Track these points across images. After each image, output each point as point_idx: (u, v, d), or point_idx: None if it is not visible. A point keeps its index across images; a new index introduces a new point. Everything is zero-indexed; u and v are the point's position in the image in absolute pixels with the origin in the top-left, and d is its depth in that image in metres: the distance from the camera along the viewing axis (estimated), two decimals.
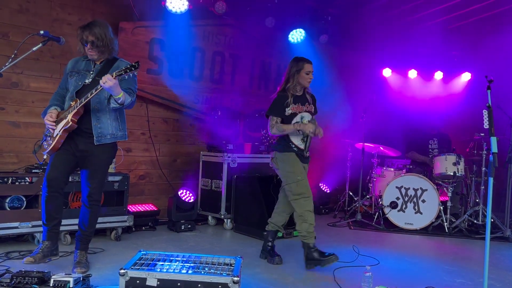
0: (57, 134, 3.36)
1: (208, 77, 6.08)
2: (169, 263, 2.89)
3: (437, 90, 8.05)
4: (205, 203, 5.64)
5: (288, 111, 3.98)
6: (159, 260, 2.93)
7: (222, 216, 5.41)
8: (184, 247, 4.50)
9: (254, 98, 6.60)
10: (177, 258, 2.99)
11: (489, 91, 3.02)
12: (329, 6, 6.45)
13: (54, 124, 3.39)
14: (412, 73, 7.96)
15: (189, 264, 2.86)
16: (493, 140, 2.74)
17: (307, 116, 4.08)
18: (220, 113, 5.66)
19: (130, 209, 5.00)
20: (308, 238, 3.93)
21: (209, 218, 5.62)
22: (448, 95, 7.88)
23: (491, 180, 2.77)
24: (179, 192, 5.23)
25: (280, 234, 4.98)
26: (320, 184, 7.20)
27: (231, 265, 2.91)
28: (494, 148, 2.71)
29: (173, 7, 5.31)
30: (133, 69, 3.17)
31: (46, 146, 3.45)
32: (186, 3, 5.32)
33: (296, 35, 6.49)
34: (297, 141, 4.07)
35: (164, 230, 5.24)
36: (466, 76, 7.88)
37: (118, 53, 3.71)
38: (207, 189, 5.61)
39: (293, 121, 3.98)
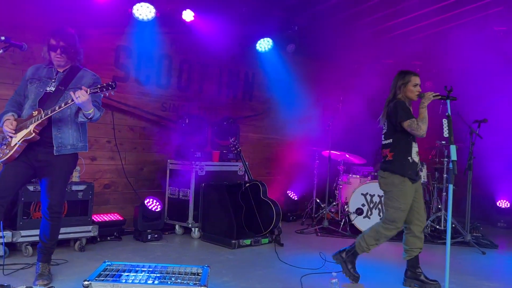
0: (16, 143, 3.24)
1: (175, 85, 6.05)
2: (135, 274, 2.84)
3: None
4: (173, 212, 5.58)
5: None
6: (124, 271, 2.89)
7: (190, 225, 5.37)
8: (151, 257, 4.44)
9: (222, 105, 6.61)
10: (143, 269, 2.95)
11: (448, 101, 3.14)
12: (296, 16, 6.53)
13: (13, 132, 3.28)
14: (374, 83, 8.12)
15: (155, 275, 2.83)
16: (453, 148, 2.84)
17: None
18: (188, 121, 5.63)
19: (94, 219, 4.90)
20: (362, 248, 3.89)
21: (177, 227, 5.56)
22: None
23: (451, 186, 2.87)
24: (146, 201, 5.16)
25: (248, 242, 5.00)
26: (288, 192, 7.25)
27: (198, 274, 2.90)
28: (454, 156, 2.81)
29: (140, 15, 5.27)
30: (110, 88, 3.10)
31: (1, 155, 3.29)
32: (154, 10, 5.29)
33: (264, 44, 6.56)
34: (414, 153, 3.76)
35: (130, 240, 5.15)
36: (428, 85, 8.12)
37: (83, 59, 3.64)
38: (175, 197, 5.56)
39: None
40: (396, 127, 3.74)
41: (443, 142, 5.92)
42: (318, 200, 6.91)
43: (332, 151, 6.46)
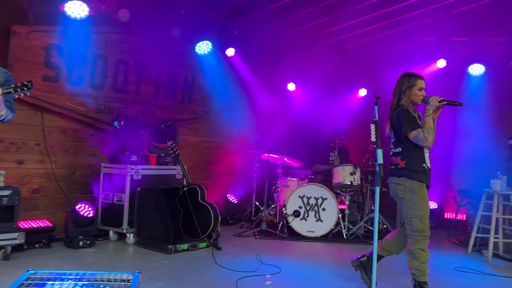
0: None
1: (111, 86, 5.86)
2: (61, 282, 2.71)
3: (337, 104, 8.52)
4: (106, 217, 5.40)
5: (419, 122, 3.59)
6: (49, 280, 2.74)
7: (125, 231, 5.21)
8: (82, 264, 4.26)
9: (160, 108, 6.49)
10: (69, 277, 2.82)
11: (376, 107, 3.27)
12: (236, 20, 6.57)
13: None
14: (313, 88, 8.35)
15: (82, 283, 2.71)
16: (379, 152, 2.96)
17: None
18: (124, 123, 5.48)
19: (21, 226, 4.63)
20: (419, 276, 3.62)
21: (111, 233, 5.38)
22: (347, 109, 8.37)
23: (377, 189, 2.99)
24: (77, 206, 4.95)
25: (185, 246, 4.94)
26: (227, 195, 7.25)
27: (128, 281, 2.81)
28: (380, 160, 2.94)
29: (72, 13, 5.06)
30: (25, 89, 2.93)
31: None
32: (87, 9, 5.10)
33: (203, 47, 6.52)
34: (427, 159, 3.62)
35: (61, 247, 4.92)
36: (362, 92, 8.44)
37: (11, 58, 3.43)
38: (109, 202, 5.38)
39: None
40: (402, 137, 3.61)
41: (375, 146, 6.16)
42: (257, 203, 6.96)
43: (271, 155, 6.53)
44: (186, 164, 5.67)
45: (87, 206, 5.02)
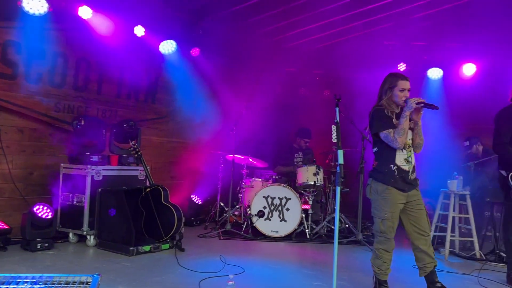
0: None
1: (71, 84, 5.71)
2: (15, 286, 2.62)
3: (301, 106, 8.62)
4: (66, 219, 5.24)
5: (395, 121, 3.55)
6: (3, 283, 2.65)
7: (85, 233, 5.09)
8: (39, 267, 4.13)
9: (123, 108, 6.39)
10: (25, 280, 2.73)
11: (337, 108, 3.33)
12: (201, 20, 6.54)
13: None
14: (278, 90, 8.41)
15: (39, 286, 2.63)
16: (340, 153, 3.02)
17: (410, 134, 3.60)
18: (84, 122, 5.35)
19: None
20: (380, 274, 3.68)
21: (70, 235, 5.24)
22: (311, 111, 8.46)
23: (338, 189, 3.05)
24: (35, 208, 4.79)
25: (147, 248, 4.87)
26: (192, 196, 7.19)
27: (87, 283, 2.75)
28: (341, 160, 2.99)
29: (31, 8, 4.89)
30: None
31: None
32: (46, 5, 4.95)
33: (167, 46, 6.45)
34: (400, 160, 3.55)
35: (17, 250, 4.75)
36: (326, 94, 8.57)
37: None
38: (68, 204, 5.23)
39: None
40: (375, 137, 3.64)
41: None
42: (222, 204, 6.94)
43: (236, 155, 6.53)
44: (149, 164, 5.60)
45: (45, 208, 4.87)
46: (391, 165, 3.53)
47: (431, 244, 3.65)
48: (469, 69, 7.12)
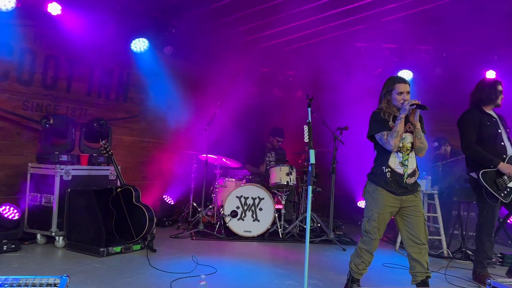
0: None
1: (40, 82, 5.57)
2: None
3: (275, 106, 8.66)
4: (34, 219, 5.10)
5: (391, 124, 3.52)
6: None
7: (53, 234, 4.97)
8: (6, 270, 4.02)
9: (94, 106, 6.27)
10: None
11: (309, 109, 3.36)
12: (173, 19, 6.48)
13: None
14: (252, 90, 8.43)
15: None
16: (311, 153, 3.04)
17: (409, 137, 3.56)
18: (53, 121, 5.22)
19: None
20: (355, 273, 3.73)
21: (38, 236, 5.10)
22: (284, 112, 8.52)
23: (310, 188, 3.07)
24: (1, 209, 4.66)
25: (118, 249, 4.80)
26: (164, 196, 7.13)
27: (55, 285, 2.68)
28: (312, 160, 3.02)
29: None
30: None
31: None
32: (14, 0, 4.82)
33: (139, 45, 6.37)
34: (394, 163, 3.52)
35: None
36: (299, 94, 8.62)
37: None
38: (36, 204, 5.10)
39: None
40: (372, 139, 3.68)
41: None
42: (195, 204, 6.90)
43: (209, 155, 6.50)
44: (120, 164, 5.52)
45: (12, 208, 4.75)
46: (384, 167, 3.53)
47: (427, 254, 3.54)
48: (438, 72, 7.29)
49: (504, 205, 4.42)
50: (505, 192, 4.25)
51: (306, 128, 3.20)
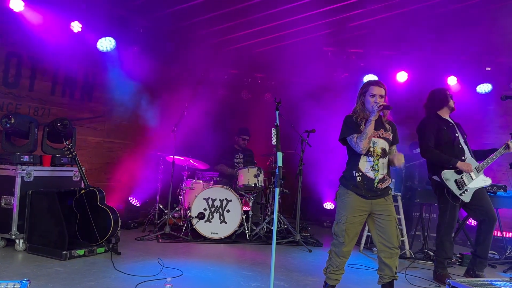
0: None
1: (1, 81, 5.40)
2: None
3: (244, 108, 8.68)
4: None
5: (363, 127, 3.52)
6: None
7: (14, 236, 4.81)
8: None
9: (58, 106, 6.13)
10: None
11: (277, 112, 3.40)
12: (140, 18, 6.40)
13: None
14: (220, 91, 8.43)
15: None
16: (279, 155, 3.07)
17: (381, 143, 3.55)
18: (14, 120, 5.05)
19: None
20: (326, 276, 3.72)
21: None
22: (253, 113, 8.54)
23: (277, 190, 3.10)
24: None
25: (81, 252, 4.69)
26: (129, 198, 7.02)
27: None
28: (280, 162, 3.05)
29: None
30: None
31: None
32: None
33: (105, 44, 6.25)
34: (365, 167, 3.52)
35: None
36: (267, 97, 8.68)
37: None
38: None
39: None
40: (343, 142, 3.68)
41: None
42: (161, 206, 6.82)
43: (176, 156, 6.45)
44: (84, 165, 5.41)
45: None
46: (354, 171, 3.54)
47: (397, 258, 3.56)
48: (402, 77, 7.48)
49: (463, 207, 4.59)
50: (465, 192, 4.42)
51: (274, 131, 3.23)
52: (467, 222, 6.34)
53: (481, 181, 4.48)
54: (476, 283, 3.20)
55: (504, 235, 6.30)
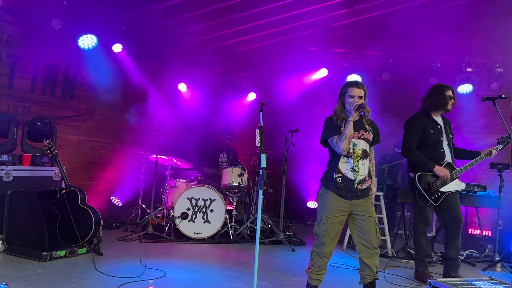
0: None
1: None
2: None
3: (227, 107, 8.64)
4: None
5: (343, 129, 3.53)
6: None
7: None
8: None
9: (38, 104, 6.02)
10: None
11: (261, 113, 3.39)
12: (123, 16, 6.32)
13: None
14: (204, 90, 8.38)
15: None
16: (263, 157, 3.07)
17: (361, 144, 3.57)
18: None
19: None
20: (308, 277, 3.73)
21: None
22: (237, 113, 8.52)
23: (260, 191, 3.10)
24: None
25: (62, 253, 4.62)
26: (111, 198, 6.94)
27: None
28: (263, 164, 3.05)
29: None
30: None
31: None
32: None
33: (87, 41, 6.15)
34: (345, 168, 3.54)
35: None
36: (251, 96, 8.66)
37: None
38: None
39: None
40: (324, 144, 3.70)
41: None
42: (144, 206, 6.75)
43: (159, 156, 6.39)
44: (65, 164, 5.33)
45: None
46: (334, 173, 3.56)
47: (377, 258, 3.59)
48: (385, 77, 7.54)
49: (434, 209, 4.64)
50: (436, 195, 4.48)
51: (258, 132, 3.22)
52: None
53: (455, 185, 4.53)
54: (457, 283, 3.25)
55: (484, 234, 6.41)
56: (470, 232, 6.63)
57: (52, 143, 5.16)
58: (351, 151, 3.54)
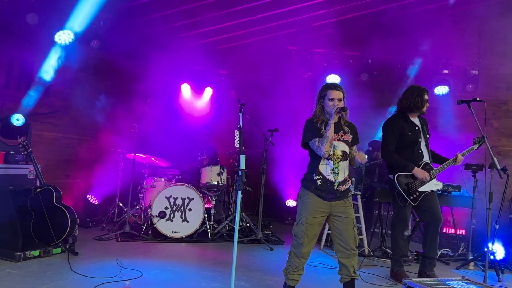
0: None
1: None
2: None
3: (206, 105, 8.60)
4: None
5: (323, 131, 3.54)
6: None
7: None
8: None
9: (12, 100, 5.85)
10: None
11: (241, 114, 3.38)
12: (101, 11, 6.20)
13: None
14: (185, 88, 8.33)
15: None
16: (242, 158, 3.07)
17: (341, 146, 3.59)
18: None
19: None
20: (287, 278, 3.73)
21: None
22: (216, 111, 8.48)
23: (239, 193, 3.10)
24: None
25: (36, 253, 4.53)
26: (88, 196, 6.83)
27: None
28: (242, 165, 3.04)
29: None
30: None
31: None
32: None
33: (64, 37, 6.01)
34: (326, 170, 3.56)
35: None
36: (232, 93, 8.63)
37: None
38: None
39: None
40: (305, 147, 3.72)
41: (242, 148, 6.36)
42: (121, 204, 6.67)
43: (137, 154, 6.32)
44: (40, 162, 5.20)
45: None
46: (314, 174, 3.58)
47: (355, 259, 3.63)
48: (363, 78, 7.61)
49: (413, 208, 4.73)
50: (414, 195, 4.56)
51: (237, 133, 3.22)
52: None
53: (432, 185, 4.61)
54: (431, 283, 3.31)
55: (458, 233, 6.54)
56: (444, 231, 6.76)
57: (26, 140, 5.05)
58: (331, 153, 3.56)
